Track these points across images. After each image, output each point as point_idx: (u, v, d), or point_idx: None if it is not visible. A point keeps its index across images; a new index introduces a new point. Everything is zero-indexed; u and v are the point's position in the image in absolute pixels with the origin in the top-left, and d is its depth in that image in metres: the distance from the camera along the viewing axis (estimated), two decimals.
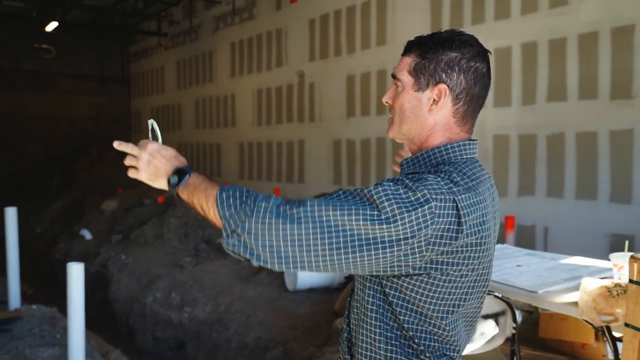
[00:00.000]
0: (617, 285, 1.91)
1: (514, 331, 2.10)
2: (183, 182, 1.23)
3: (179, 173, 1.25)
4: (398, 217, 1.07)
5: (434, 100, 1.24)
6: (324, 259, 1.09)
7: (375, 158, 8.54)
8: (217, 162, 12.71)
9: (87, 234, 7.86)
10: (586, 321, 2.12)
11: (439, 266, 1.14)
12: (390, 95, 1.31)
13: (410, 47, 1.28)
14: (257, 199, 1.12)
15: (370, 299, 1.21)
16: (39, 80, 14.72)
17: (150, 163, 1.27)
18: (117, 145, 1.31)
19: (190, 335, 4.93)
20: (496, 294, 2.08)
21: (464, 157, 1.26)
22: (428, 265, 1.13)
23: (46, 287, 7.41)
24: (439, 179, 1.14)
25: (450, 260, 1.14)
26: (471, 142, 1.28)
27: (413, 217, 1.07)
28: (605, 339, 2.81)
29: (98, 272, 6.20)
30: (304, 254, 1.09)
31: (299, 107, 10.11)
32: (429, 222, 1.08)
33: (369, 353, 1.22)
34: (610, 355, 2.80)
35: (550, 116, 6.16)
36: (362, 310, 1.22)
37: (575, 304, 2.00)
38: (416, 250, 1.09)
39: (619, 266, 2.00)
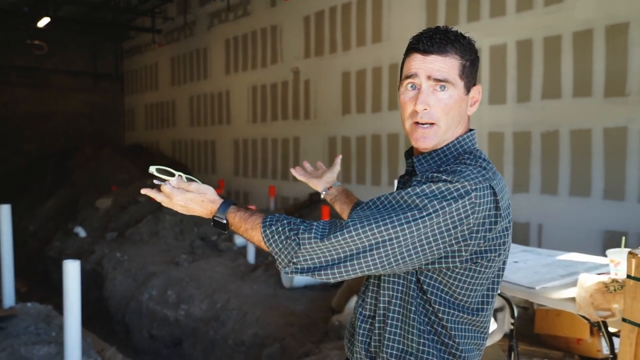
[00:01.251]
0: (614, 280, 1.93)
1: (512, 327, 2.11)
2: (226, 229, 1.28)
3: (217, 219, 1.27)
4: (439, 210, 1.09)
5: (475, 100, 1.29)
6: (376, 269, 1.13)
7: (370, 155, 8.55)
8: (212, 159, 12.68)
9: (81, 232, 7.82)
10: (582, 316, 2.13)
11: (484, 254, 1.17)
12: (430, 102, 1.22)
13: (447, 47, 1.21)
14: (298, 232, 1.14)
15: (403, 293, 1.22)
16: (32, 77, 14.62)
17: (187, 209, 1.30)
18: (145, 192, 1.34)
19: (186, 332, 4.92)
20: None
21: (475, 145, 1.30)
22: (474, 256, 1.15)
23: (40, 285, 7.38)
24: (471, 167, 1.16)
25: (491, 247, 1.17)
26: (474, 130, 1.33)
27: (453, 208, 1.10)
28: (600, 334, 2.84)
29: (93, 269, 6.18)
30: (356, 270, 1.13)
31: (294, 104, 10.10)
32: (469, 212, 1.11)
33: (399, 346, 1.22)
34: (605, 350, 2.83)
35: (545, 114, 6.19)
36: (394, 302, 1.23)
37: (573, 299, 2.01)
38: (460, 240, 1.12)
39: (616, 262, 2.02)
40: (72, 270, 3.26)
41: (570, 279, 2.20)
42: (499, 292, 2.23)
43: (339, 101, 9.11)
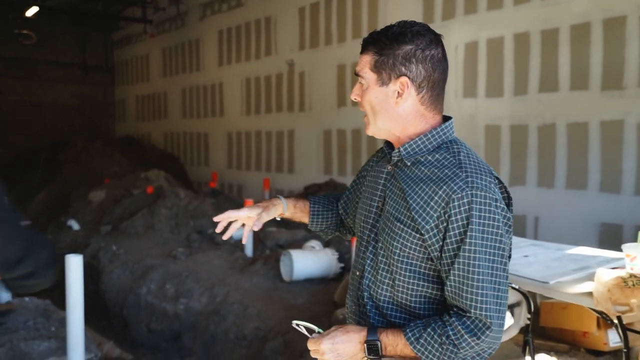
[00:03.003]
0: (632, 275, 1.93)
1: (528, 322, 2.12)
2: (379, 353, 1.30)
3: (370, 348, 1.29)
4: (503, 233, 1.26)
5: (398, 92, 1.33)
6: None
7: (366, 148, 8.54)
8: (205, 151, 12.60)
9: (74, 225, 7.75)
10: (595, 310, 2.14)
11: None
12: (357, 92, 1.39)
13: (367, 45, 1.36)
14: (446, 333, 1.23)
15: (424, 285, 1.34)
16: (20, 67, 14.39)
17: (337, 352, 1.30)
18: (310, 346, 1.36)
19: (186, 326, 4.90)
20: (513, 285, 2.09)
21: (453, 134, 1.39)
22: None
23: None
24: (479, 173, 1.27)
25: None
26: (451, 119, 1.40)
27: (501, 221, 1.26)
28: (608, 327, 2.86)
29: (88, 263, 6.12)
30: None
31: (289, 96, 10.05)
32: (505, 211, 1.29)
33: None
34: (613, 343, 2.85)
35: (542, 107, 6.21)
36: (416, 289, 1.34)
37: (589, 294, 2.02)
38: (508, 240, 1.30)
39: (632, 257, 2.02)
40: (74, 265, 3.21)
41: (583, 273, 2.21)
42: (515, 286, 2.23)
43: (334, 93, 9.08)
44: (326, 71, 9.18)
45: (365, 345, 1.28)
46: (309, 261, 5.22)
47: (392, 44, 1.33)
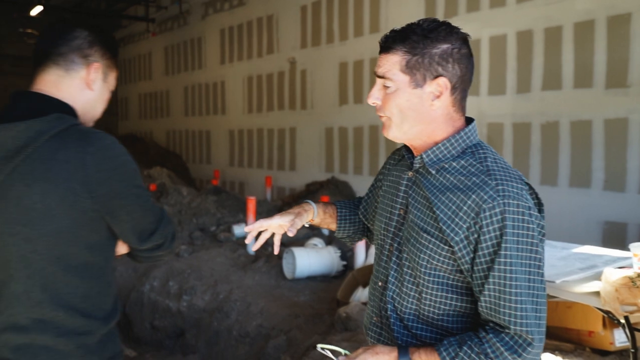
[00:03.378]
0: None
1: None
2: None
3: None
4: (539, 242, 1.21)
5: (435, 94, 1.26)
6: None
7: (368, 146, 8.54)
8: (207, 149, 12.61)
9: None
10: (601, 310, 2.14)
11: None
12: (378, 96, 1.30)
13: (393, 44, 1.26)
14: (484, 351, 1.17)
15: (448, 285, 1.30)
16: (25, 66, 14.39)
17: None
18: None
19: (189, 323, 4.90)
20: None
21: (477, 137, 1.33)
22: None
23: None
24: (510, 180, 1.21)
25: None
26: (474, 121, 1.34)
27: (536, 230, 1.20)
28: (615, 326, 2.85)
29: None
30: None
31: (291, 94, 10.05)
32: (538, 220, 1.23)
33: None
34: (619, 343, 2.84)
35: (545, 105, 6.20)
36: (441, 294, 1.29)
37: (596, 293, 2.01)
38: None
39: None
40: None
41: (590, 273, 2.20)
42: None
43: (336, 91, 9.08)
44: (328, 69, 9.18)
45: None
46: (312, 259, 5.22)
47: (425, 42, 1.24)
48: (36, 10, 12.62)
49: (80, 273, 1.31)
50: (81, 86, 1.41)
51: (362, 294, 4.19)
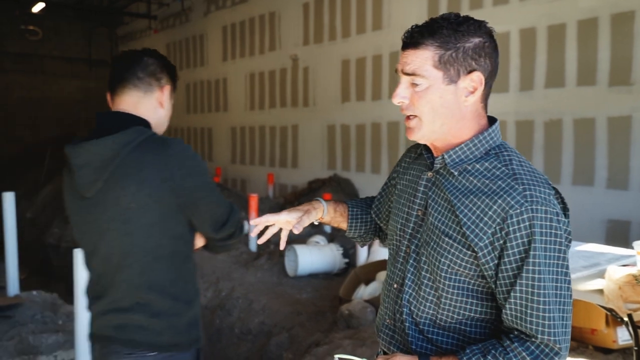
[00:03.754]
0: None
1: None
2: None
3: None
4: (565, 249, 1.16)
5: (469, 90, 1.21)
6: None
7: (370, 143, 8.53)
8: (209, 146, 12.62)
9: None
10: (604, 307, 2.13)
11: None
12: (405, 95, 1.23)
13: (422, 39, 1.19)
14: (507, 357, 1.13)
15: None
16: (26, 63, 14.43)
17: None
18: None
19: None
20: None
21: (499, 137, 1.27)
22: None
23: (40, 272, 7.33)
24: (537, 185, 1.16)
25: None
26: (497, 121, 1.28)
27: (564, 239, 1.16)
28: (618, 324, 2.85)
29: None
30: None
31: (293, 91, 10.04)
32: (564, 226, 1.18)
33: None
34: (622, 341, 2.84)
35: (548, 102, 6.19)
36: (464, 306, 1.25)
37: (599, 291, 2.01)
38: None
39: None
40: (82, 259, 3.22)
41: (593, 271, 2.20)
42: None
43: (338, 89, 9.07)
44: (330, 66, 9.16)
45: None
46: (314, 256, 5.22)
47: (457, 36, 1.18)
48: (38, 7, 12.62)
49: (169, 261, 1.54)
50: (155, 105, 1.66)
51: (364, 291, 4.19)
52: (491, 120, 1.28)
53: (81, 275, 3.25)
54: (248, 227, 6.48)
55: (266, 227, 1.46)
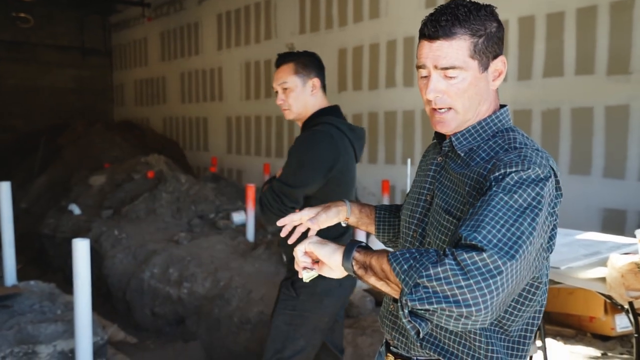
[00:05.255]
0: None
1: None
2: (359, 249, 1.14)
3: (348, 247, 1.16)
4: (543, 202, 1.07)
5: (497, 73, 1.24)
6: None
7: (367, 133, 8.47)
8: (204, 136, 12.56)
9: (75, 209, 7.73)
10: (603, 294, 2.14)
11: (553, 240, 1.19)
12: (441, 88, 1.19)
13: (454, 28, 1.16)
14: (428, 253, 1.01)
15: None
16: (18, 51, 14.26)
17: (322, 240, 1.20)
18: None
19: (190, 310, 4.91)
20: None
21: (510, 121, 1.28)
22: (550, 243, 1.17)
23: (35, 262, 7.31)
24: (530, 151, 1.14)
25: (552, 234, 1.19)
26: (506, 105, 1.31)
27: (547, 196, 1.09)
28: (616, 312, 2.87)
29: (91, 247, 6.11)
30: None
31: None
32: (551, 198, 1.12)
33: (466, 350, 1.17)
34: (620, 328, 2.87)
35: (546, 91, 6.18)
36: None
37: (601, 279, 2.02)
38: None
39: None
40: (81, 249, 3.20)
41: (594, 259, 2.21)
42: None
43: (334, 78, 9.02)
44: (327, 55, 9.09)
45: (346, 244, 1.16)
46: None
47: (481, 22, 1.18)
48: None
49: None
50: None
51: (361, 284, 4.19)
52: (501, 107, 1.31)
53: (81, 265, 3.24)
54: (244, 217, 6.48)
55: (294, 228, 1.46)
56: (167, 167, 8.36)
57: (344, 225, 1.55)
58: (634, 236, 2.20)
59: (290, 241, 1.45)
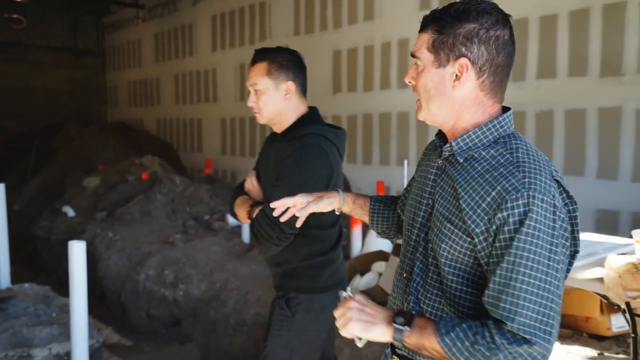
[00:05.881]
0: None
1: None
2: (412, 323, 1.16)
3: (402, 315, 1.18)
4: (560, 244, 1.13)
5: (456, 75, 1.22)
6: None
7: (362, 135, 8.52)
8: (198, 137, 12.53)
9: (69, 211, 7.70)
10: (599, 294, 2.16)
11: (575, 257, 1.29)
12: (412, 75, 1.29)
13: (427, 23, 1.25)
14: (482, 332, 1.10)
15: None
16: (10, 52, 14.17)
17: (363, 310, 1.20)
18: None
19: (185, 312, 4.90)
20: None
21: (511, 127, 1.27)
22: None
23: (28, 265, 7.27)
24: (539, 174, 1.14)
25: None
26: (510, 110, 1.29)
27: (561, 231, 1.13)
28: (612, 312, 2.89)
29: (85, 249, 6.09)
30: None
31: None
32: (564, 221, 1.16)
33: None
34: (616, 328, 2.89)
35: (540, 93, 6.22)
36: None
37: (598, 280, 2.04)
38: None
39: None
40: (77, 251, 3.19)
41: (591, 259, 2.22)
42: None
43: (329, 80, 9.03)
44: (321, 57, 9.12)
45: (395, 312, 1.18)
46: None
47: (453, 22, 1.20)
48: None
49: None
50: None
51: (359, 282, 4.21)
52: (505, 110, 1.28)
53: (77, 268, 3.23)
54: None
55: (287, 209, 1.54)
56: (161, 168, 8.34)
57: (337, 213, 1.58)
58: (630, 237, 2.22)
59: (283, 219, 1.51)
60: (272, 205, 1.51)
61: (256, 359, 2.12)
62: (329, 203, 1.53)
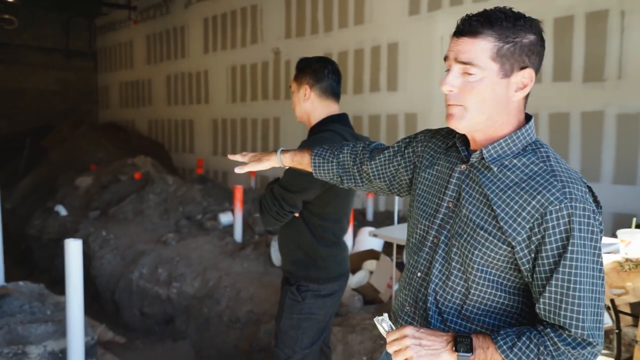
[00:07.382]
0: (628, 260, 2.06)
1: None
2: (472, 347, 1.19)
3: (462, 343, 1.19)
4: (599, 237, 1.18)
5: (519, 86, 1.21)
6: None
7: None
8: (190, 138, 12.60)
9: (62, 210, 7.74)
10: None
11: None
12: (455, 83, 1.22)
13: (481, 28, 1.19)
14: (543, 343, 1.16)
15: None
16: (2, 52, 14.16)
17: (420, 345, 1.20)
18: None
19: (179, 310, 4.98)
20: None
21: (534, 134, 1.29)
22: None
23: (21, 263, 7.31)
24: (574, 183, 1.18)
25: None
26: (532, 117, 1.30)
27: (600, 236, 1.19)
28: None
29: None
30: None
31: (275, 84, 10.09)
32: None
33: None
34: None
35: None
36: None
37: None
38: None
39: (627, 242, 2.13)
40: (74, 249, 3.26)
41: None
42: None
43: None
44: None
45: (454, 338, 1.20)
46: None
47: (515, 30, 1.18)
48: None
49: None
50: None
51: (351, 280, 4.31)
52: (527, 117, 1.30)
53: (73, 266, 3.30)
54: (232, 218, 6.57)
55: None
56: (154, 168, 8.41)
57: (286, 167, 1.79)
58: (615, 236, 2.34)
59: (236, 171, 1.74)
60: (237, 171, 1.74)
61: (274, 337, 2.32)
62: (269, 163, 1.70)
